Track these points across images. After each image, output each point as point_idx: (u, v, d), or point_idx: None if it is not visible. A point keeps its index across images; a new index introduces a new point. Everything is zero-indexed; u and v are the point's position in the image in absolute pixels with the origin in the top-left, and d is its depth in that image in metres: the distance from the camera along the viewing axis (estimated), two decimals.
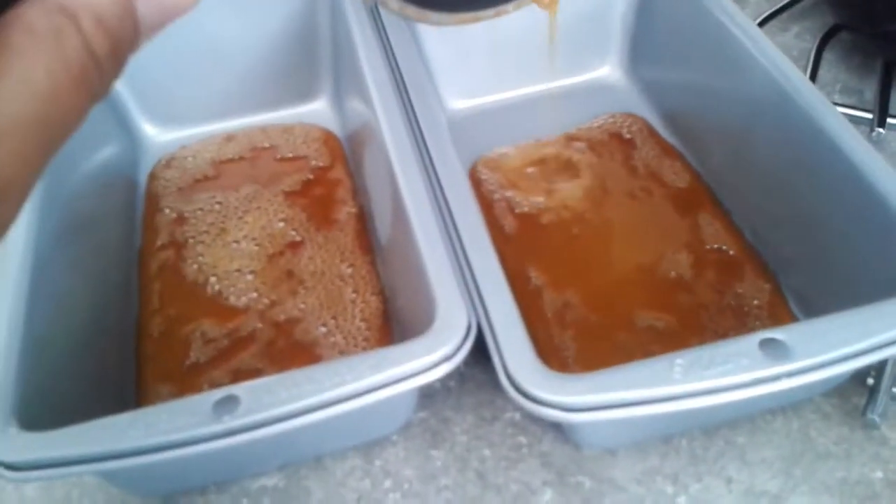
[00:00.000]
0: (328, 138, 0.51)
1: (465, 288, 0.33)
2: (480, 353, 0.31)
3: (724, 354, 0.28)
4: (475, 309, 0.32)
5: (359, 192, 0.47)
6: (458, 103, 0.52)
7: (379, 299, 0.41)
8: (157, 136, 0.52)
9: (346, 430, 0.35)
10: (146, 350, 0.40)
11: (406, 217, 0.35)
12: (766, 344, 0.29)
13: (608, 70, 0.53)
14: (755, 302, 0.39)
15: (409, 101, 0.42)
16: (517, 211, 0.45)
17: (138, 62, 0.47)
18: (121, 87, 0.50)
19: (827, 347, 0.28)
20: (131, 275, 0.44)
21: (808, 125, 0.38)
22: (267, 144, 0.51)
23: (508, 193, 0.46)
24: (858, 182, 0.35)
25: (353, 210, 0.46)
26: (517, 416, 0.37)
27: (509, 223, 0.45)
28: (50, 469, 0.28)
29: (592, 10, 0.52)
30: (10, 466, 0.28)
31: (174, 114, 0.51)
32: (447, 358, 0.30)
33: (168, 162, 0.50)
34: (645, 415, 0.28)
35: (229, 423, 0.28)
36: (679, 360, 0.28)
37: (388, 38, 0.45)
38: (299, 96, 0.53)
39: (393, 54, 0.44)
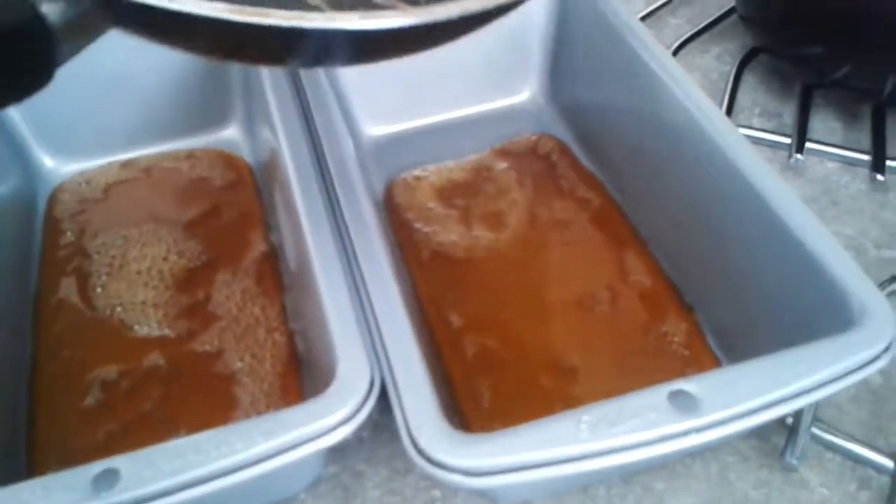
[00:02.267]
0: (235, 162, 0.49)
1: (370, 339, 0.31)
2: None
3: (631, 409, 0.27)
4: (379, 362, 0.30)
5: (271, 228, 0.45)
6: (376, 129, 0.50)
7: (287, 342, 0.39)
8: (58, 167, 0.49)
9: (243, 495, 0.33)
10: (40, 396, 0.38)
11: (308, 258, 0.34)
12: (675, 396, 0.28)
13: (528, 94, 0.52)
14: (675, 339, 0.38)
15: (316, 128, 0.40)
16: (437, 241, 0.44)
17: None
18: (17, 118, 0.47)
19: (737, 399, 0.27)
20: (24, 318, 0.41)
21: (719, 155, 0.37)
22: (168, 166, 0.49)
23: (425, 227, 0.45)
24: (769, 218, 0.34)
25: (264, 248, 0.43)
26: None
27: (427, 254, 0.43)
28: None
29: (512, 35, 0.50)
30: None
31: (75, 144, 0.49)
32: (347, 419, 0.28)
33: (64, 189, 0.47)
34: (552, 476, 0.27)
35: (107, 499, 0.26)
36: (585, 417, 0.27)
37: (297, 71, 0.43)
38: (210, 125, 0.50)
39: (299, 79, 0.42)
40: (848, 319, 0.30)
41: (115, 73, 0.47)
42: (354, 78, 0.48)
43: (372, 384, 0.29)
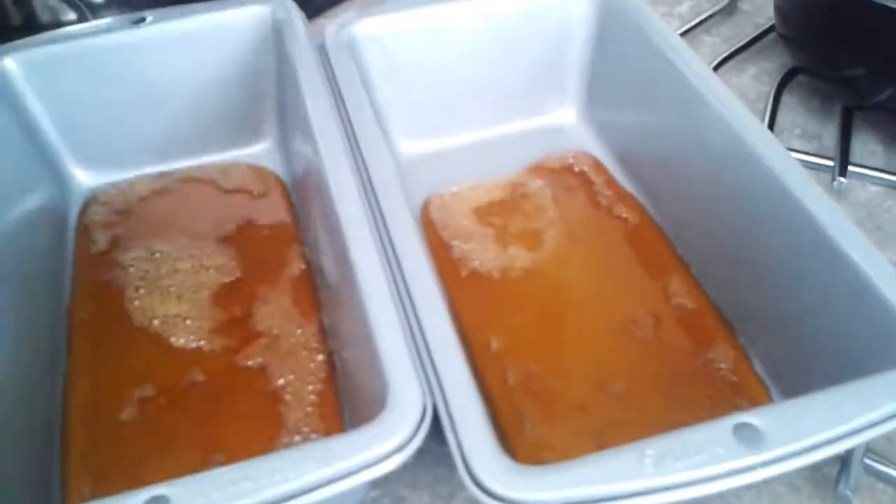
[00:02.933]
0: (270, 178, 0.49)
1: (420, 364, 0.30)
2: (436, 426, 0.28)
3: (696, 443, 0.26)
4: (430, 388, 0.29)
5: (307, 244, 0.44)
6: (411, 146, 0.50)
7: (326, 362, 0.38)
8: (90, 179, 0.48)
9: None
10: (74, 414, 0.37)
11: (353, 277, 0.33)
12: (740, 429, 0.27)
13: (565, 113, 0.52)
14: (723, 365, 0.37)
15: (357, 145, 0.39)
16: (474, 259, 0.43)
17: (72, 104, 0.43)
18: (50, 128, 0.47)
19: (802, 434, 0.27)
20: (58, 332, 0.40)
21: (767, 176, 0.36)
22: (201, 180, 0.48)
23: (463, 245, 0.44)
24: (822, 243, 0.33)
25: (300, 265, 0.43)
26: None
27: (465, 274, 0.43)
28: None
29: (549, 53, 0.50)
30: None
31: (107, 156, 0.48)
32: (401, 447, 0.27)
33: (96, 201, 0.47)
34: None
35: None
36: (649, 451, 0.26)
37: (335, 81, 0.43)
38: (242, 139, 0.50)
39: (341, 97, 0.42)
40: None
41: (149, 85, 0.47)
42: (392, 94, 0.48)
43: (424, 411, 0.28)
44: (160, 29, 0.46)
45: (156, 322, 0.40)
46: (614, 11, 0.47)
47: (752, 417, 0.27)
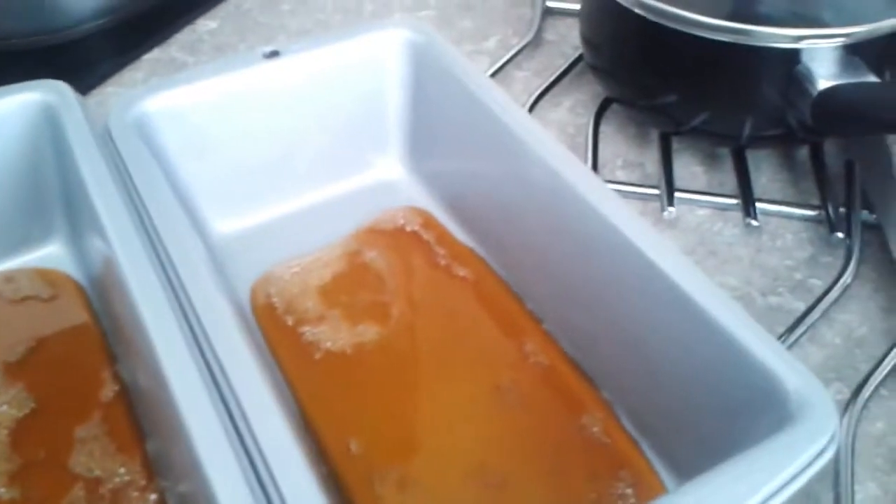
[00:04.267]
0: (66, 282, 0.42)
1: (260, 489, 0.26)
2: None
3: None
4: None
5: (119, 360, 0.38)
6: (227, 225, 0.45)
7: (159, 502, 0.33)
8: None
9: None
10: None
11: (169, 393, 0.28)
12: None
13: (391, 167, 0.49)
14: (595, 429, 0.36)
15: (157, 235, 0.34)
16: (326, 344, 0.39)
17: None
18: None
19: None
20: None
21: (593, 216, 0.35)
22: None
23: (314, 329, 0.40)
24: (667, 288, 0.32)
25: (115, 387, 0.37)
26: None
27: (319, 356, 0.39)
28: None
29: (366, 106, 0.47)
30: None
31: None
32: None
33: None
34: None
35: None
36: None
37: (125, 167, 0.37)
38: (28, 241, 0.43)
39: (133, 184, 0.37)
40: (783, 414, 0.27)
41: None
42: (196, 171, 0.43)
43: None
44: None
45: None
46: (427, 57, 0.45)
47: None
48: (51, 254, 0.43)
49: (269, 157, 0.46)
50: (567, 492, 0.33)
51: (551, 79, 0.56)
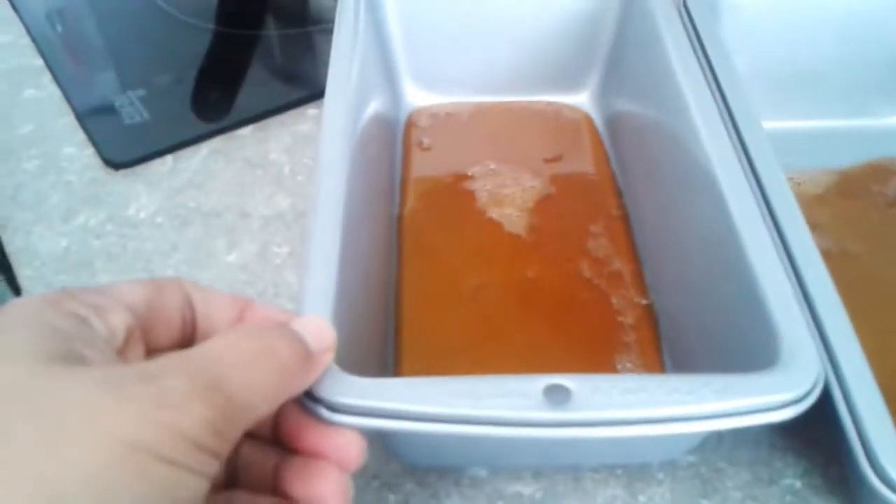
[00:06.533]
0: (586, 123, 0.50)
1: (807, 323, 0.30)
2: None
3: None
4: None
5: (622, 193, 0.45)
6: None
7: (647, 310, 0.39)
8: (418, 98, 0.51)
9: (622, 447, 0.33)
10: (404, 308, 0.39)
11: (734, 231, 0.32)
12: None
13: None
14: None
15: (725, 102, 0.39)
16: None
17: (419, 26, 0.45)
18: (399, 48, 0.50)
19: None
20: (392, 237, 0.43)
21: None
22: (523, 112, 0.51)
23: None
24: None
25: (617, 211, 0.44)
26: (798, 483, 0.33)
27: None
28: (365, 418, 0.26)
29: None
30: (333, 407, 0.26)
31: (434, 81, 0.51)
32: (795, 401, 0.26)
33: (420, 115, 0.50)
34: None
35: (562, 414, 0.25)
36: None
37: (699, 40, 0.43)
38: (564, 85, 0.51)
39: (706, 55, 0.42)
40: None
41: (493, 23, 0.49)
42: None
43: (818, 376, 0.27)
44: None
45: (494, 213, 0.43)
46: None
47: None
48: (582, 99, 0.51)
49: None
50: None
51: None
